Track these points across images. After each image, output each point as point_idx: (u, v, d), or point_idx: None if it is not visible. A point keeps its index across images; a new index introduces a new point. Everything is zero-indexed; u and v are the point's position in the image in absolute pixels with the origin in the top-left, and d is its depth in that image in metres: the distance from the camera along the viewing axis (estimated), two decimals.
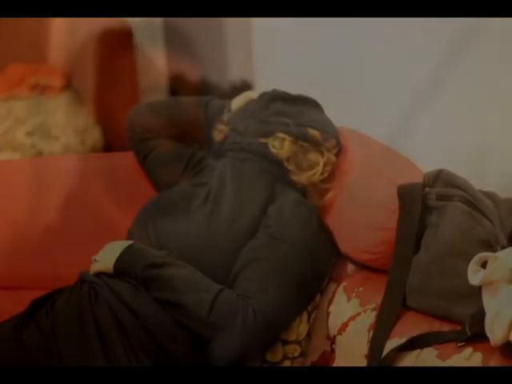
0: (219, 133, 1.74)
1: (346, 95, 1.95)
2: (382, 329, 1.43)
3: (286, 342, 1.61)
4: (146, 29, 3.25)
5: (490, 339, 1.25)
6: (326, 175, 1.65)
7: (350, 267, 1.67)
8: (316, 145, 1.65)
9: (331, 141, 1.67)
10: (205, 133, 1.81)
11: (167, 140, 1.84)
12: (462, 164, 1.59)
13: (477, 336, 1.29)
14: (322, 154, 1.66)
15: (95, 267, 1.59)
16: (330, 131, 1.69)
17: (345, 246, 1.63)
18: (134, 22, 3.12)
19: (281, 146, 1.65)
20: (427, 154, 1.71)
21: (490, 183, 1.53)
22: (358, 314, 1.52)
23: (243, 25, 2.93)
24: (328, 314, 1.61)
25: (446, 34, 1.60)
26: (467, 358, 1.27)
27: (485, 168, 1.58)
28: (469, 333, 1.30)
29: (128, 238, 1.70)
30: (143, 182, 1.89)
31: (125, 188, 1.90)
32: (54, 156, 2.73)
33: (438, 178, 1.49)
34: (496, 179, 1.54)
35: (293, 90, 1.76)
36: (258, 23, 2.31)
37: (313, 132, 1.65)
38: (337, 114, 1.78)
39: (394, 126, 1.80)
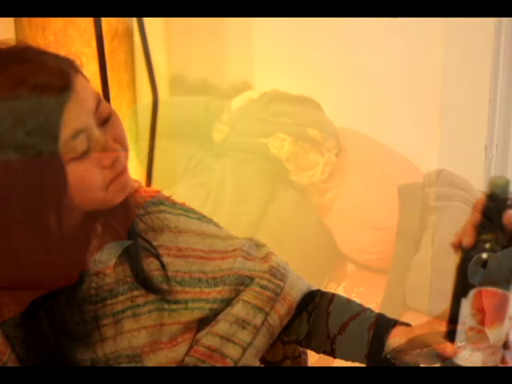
0: (219, 133, 1.74)
1: (347, 95, 1.95)
2: (382, 329, 1.43)
3: (286, 342, 1.61)
4: (146, 29, 3.25)
5: (490, 339, 1.24)
6: (325, 175, 1.66)
7: (350, 267, 1.67)
8: (316, 145, 1.65)
9: (331, 141, 1.67)
10: (205, 133, 1.81)
11: (167, 140, 1.85)
12: (461, 164, 1.59)
13: (477, 336, 1.29)
14: (322, 153, 1.66)
15: (95, 267, 1.59)
16: (330, 131, 1.69)
17: (345, 246, 1.64)
18: (134, 22, 3.12)
19: (281, 146, 1.65)
20: (426, 154, 1.71)
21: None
22: (358, 314, 1.52)
23: (243, 25, 2.92)
24: (328, 313, 1.61)
25: (447, 33, 1.60)
26: (467, 358, 1.27)
27: (485, 168, 1.58)
28: (469, 333, 1.30)
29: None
30: None
31: None
32: None
33: (438, 178, 1.49)
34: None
35: (293, 90, 1.76)
36: (258, 23, 2.31)
37: (313, 132, 1.65)
38: (337, 114, 1.79)
39: (393, 126, 1.80)
